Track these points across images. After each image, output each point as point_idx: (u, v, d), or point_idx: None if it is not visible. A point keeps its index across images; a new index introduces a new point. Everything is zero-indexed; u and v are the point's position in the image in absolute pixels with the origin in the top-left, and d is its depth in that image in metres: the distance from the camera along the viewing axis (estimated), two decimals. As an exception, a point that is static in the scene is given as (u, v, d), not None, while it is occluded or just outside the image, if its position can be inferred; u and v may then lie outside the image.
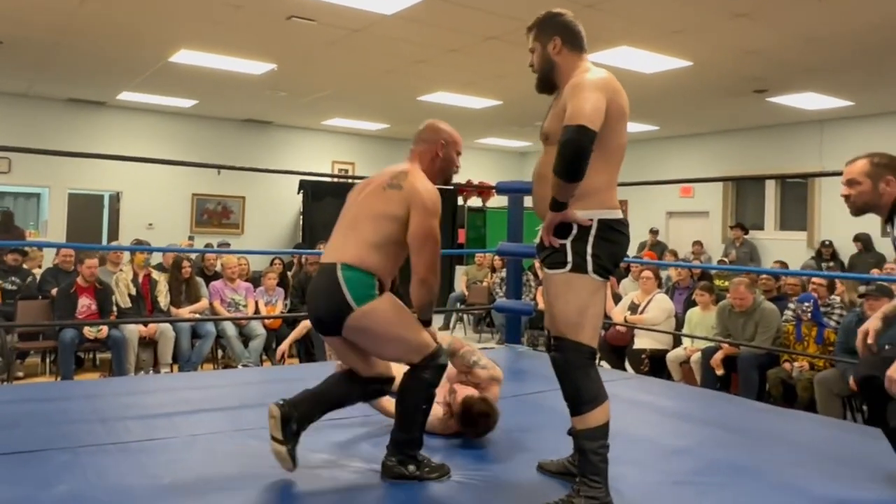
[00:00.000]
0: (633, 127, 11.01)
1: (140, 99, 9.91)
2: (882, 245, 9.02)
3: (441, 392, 2.83)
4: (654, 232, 11.13)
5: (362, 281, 2.32)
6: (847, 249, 9.01)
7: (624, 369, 5.67)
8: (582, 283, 2.14)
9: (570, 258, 2.15)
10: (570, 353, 2.15)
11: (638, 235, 11.46)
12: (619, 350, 5.77)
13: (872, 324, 2.44)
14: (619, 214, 2.22)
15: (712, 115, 9.72)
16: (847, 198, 2.46)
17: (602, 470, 2.13)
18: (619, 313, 5.84)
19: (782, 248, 9.85)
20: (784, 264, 8.24)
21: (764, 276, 5.82)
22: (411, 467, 2.39)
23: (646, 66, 7.04)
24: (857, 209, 2.47)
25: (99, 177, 10.24)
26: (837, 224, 9.12)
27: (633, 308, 5.95)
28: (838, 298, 5.30)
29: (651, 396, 3.81)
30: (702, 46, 6.32)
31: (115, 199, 11.06)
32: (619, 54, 6.64)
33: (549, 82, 2.32)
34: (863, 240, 8.93)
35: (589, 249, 2.14)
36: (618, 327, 5.52)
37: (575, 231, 2.15)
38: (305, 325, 6.11)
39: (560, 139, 2.05)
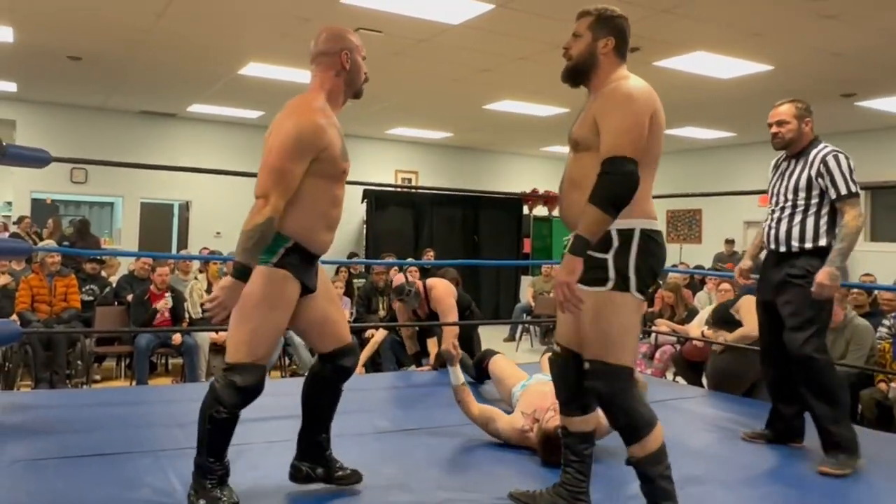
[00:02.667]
0: (708, 134, 10.81)
1: (209, 110, 10.32)
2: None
3: (538, 404, 2.87)
4: (730, 242, 10.88)
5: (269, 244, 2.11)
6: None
7: (701, 385, 5.56)
8: (625, 301, 2.05)
9: (611, 274, 2.05)
10: (614, 380, 2.06)
11: (713, 246, 11.22)
12: (695, 365, 5.65)
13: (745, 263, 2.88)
14: (658, 225, 2.16)
15: (793, 121, 9.46)
16: (775, 136, 3.02)
17: (672, 493, 2.07)
18: (696, 327, 5.71)
19: (874, 260, 9.46)
20: (874, 278, 7.92)
21: (855, 290, 5.61)
22: (201, 501, 2.16)
23: (723, 72, 6.92)
24: (784, 145, 3.04)
25: (169, 186, 10.71)
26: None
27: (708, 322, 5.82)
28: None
29: (715, 410, 3.76)
30: (784, 49, 6.18)
31: (185, 207, 11.53)
32: (696, 59, 6.56)
33: (580, 75, 2.23)
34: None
35: (632, 264, 2.05)
36: (695, 342, 5.43)
37: (617, 244, 2.05)
38: (376, 340, 6.21)
39: (606, 169, 1.97)
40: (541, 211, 12.43)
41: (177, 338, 5.86)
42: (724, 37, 5.98)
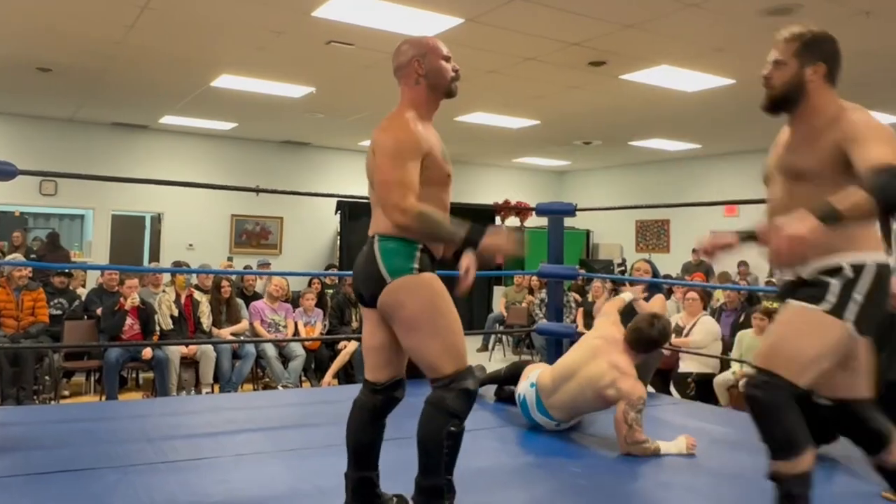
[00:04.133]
0: (674, 145, 10.97)
1: (181, 122, 10.23)
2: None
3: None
4: (696, 251, 11.02)
5: (398, 251, 2.10)
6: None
7: (669, 393, 5.62)
8: (836, 328, 1.88)
9: (832, 297, 1.88)
10: (775, 391, 1.88)
11: (681, 255, 11.37)
12: (664, 374, 5.72)
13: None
14: (891, 261, 1.97)
15: (756, 133, 9.62)
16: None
17: None
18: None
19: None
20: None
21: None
22: None
23: (687, 85, 7.04)
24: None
25: (141, 198, 10.56)
26: None
27: (678, 331, 5.90)
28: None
29: (697, 421, 3.78)
30: (744, 64, 6.30)
31: (157, 220, 11.39)
32: (661, 73, 6.67)
33: (785, 104, 2.10)
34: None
35: (857, 296, 1.88)
36: (662, 350, 5.49)
37: (850, 275, 1.89)
38: (347, 351, 6.20)
39: (884, 169, 1.76)
40: (513, 221, 12.60)
41: (147, 352, 5.77)
42: (688, 51, 6.09)
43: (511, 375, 3.85)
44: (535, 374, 3.44)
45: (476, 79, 7.27)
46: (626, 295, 3.99)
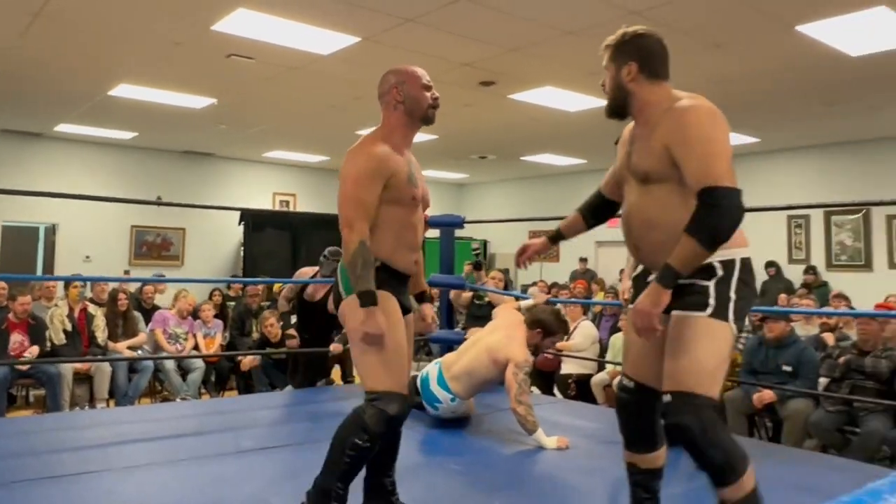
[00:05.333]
0: (562, 160, 11.41)
1: (78, 131, 9.75)
2: (789, 271, 9.56)
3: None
4: (583, 260, 11.47)
5: None
6: (760, 276, 9.51)
7: (552, 394, 5.84)
8: (722, 330, 1.84)
9: (712, 300, 1.85)
10: (706, 413, 1.79)
11: (570, 264, 11.80)
12: (547, 375, 5.95)
13: (625, 284, 2.45)
14: (750, 253, 1.96)
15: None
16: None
17: None
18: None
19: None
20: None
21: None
22: None
23: (569, 105, 7.36)
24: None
25: (34, 209, 9.96)
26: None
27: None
28: (747, 322, 5.61)
29: (574, 419, 3.99)
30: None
31: (52, 231, 10.76)
32: (545, 94, 6.95)
33: (619, 110, 2.07)
34: (775, 266, 9.46)
35: (733, 294, 1.86)
36: (546, 354, 5.70)
37: (721, 273, 1.87)
38: (248, 362, 6.09)
39: (710, 201, 1.77)
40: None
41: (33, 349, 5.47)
42: (567, 74, 6.38)
43: None
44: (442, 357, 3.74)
45: (374, 95, 7.28)
46: (525, 303, 4.19)
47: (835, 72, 6.09)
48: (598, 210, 2.37)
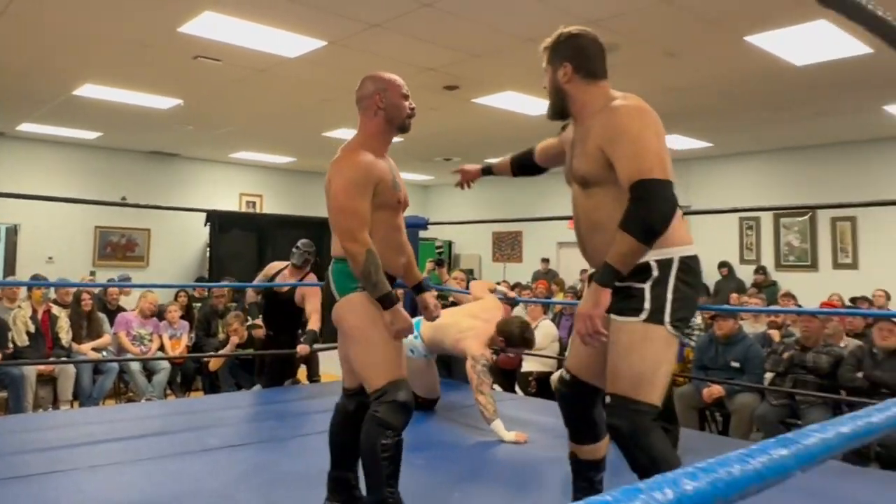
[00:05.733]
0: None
1: (41, 130, 9.55)
2: (741, 271, 9.83)
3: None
4: (545, 261, 11.62)
5: (346, 271, 2.19)
6: (713, 276, 9.75)
7: (514, 391, 5.94)
8: (658, 334, 1.82)
9: (647, 304, 1.82)
10: (638, 418, 1.80)
11: (533, 265, 11.95)
12: (508, 373, 6.03)
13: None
14: (695, 251, 1.92)
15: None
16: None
17: None
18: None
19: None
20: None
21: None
22: None
23: (530, 109, 7.47)
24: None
25: (-6, 209, 9.75)
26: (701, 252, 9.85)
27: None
28: (699, 320, 5.78)
29: (533, 415, 4.08)
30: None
31: (13, 231, 10.51)
32: (506, 98, 7.05)
33: (559, 110, 2.06)
34: (727, 266, 9.72)
35: (669, 295, 1.82)
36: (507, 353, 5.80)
37: (656, 273, 1.83)
38: (215, 363, 6.05)
39: (640, 194, 1.75)
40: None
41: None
42: (527, 80, 6.48)
43: None
44: None
45: (341, 97, 7.36)
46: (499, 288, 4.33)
47: (781, 80, 6.30)
48: (525, 167, 2.50)
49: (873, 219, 8.64)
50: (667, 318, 1.81)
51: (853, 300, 7.10)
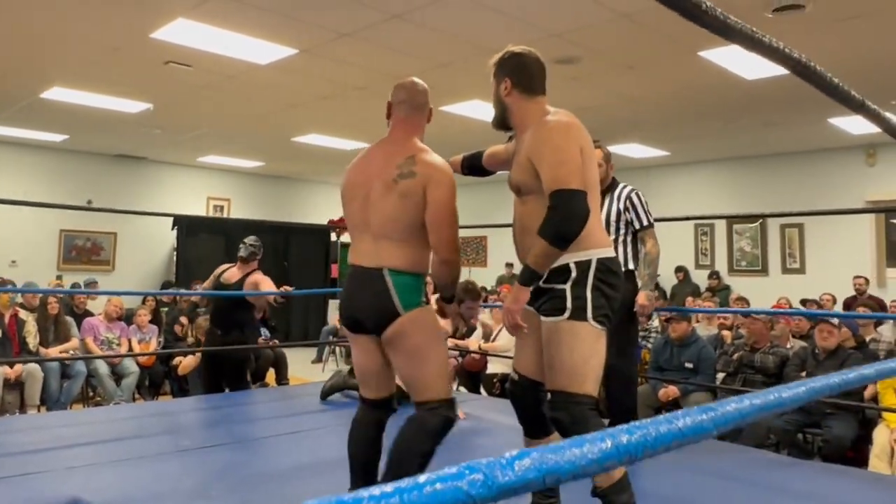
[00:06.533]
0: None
1: (6, 132, 9.36)
2: (696, 276, 10.12)
3: None
4: (509, 265, 11.77)
5: (411, 285, 2.14)
6: (670, 280, 10.02)
7: (479, 392, 6.04)
8: (583, 330, 1.95)
9: (569, 304, 1.96)
10: (575, 409, 1.94)
11: (497, 269, 12.09)
12: (474, 375, 6.13)
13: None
14: (613, 253, 2.06)
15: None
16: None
17: None
18: (473, 341, 6.22)
19: None
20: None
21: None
22: None
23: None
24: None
25: (-44, 212, 9.52)
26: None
27: (487, 336, 6.36)
28: (656, 323, 5.97)
29: (498, 415, 4.18)
30: (544, 104, 6.95)
31: (-26, 234, 10.27)
32: (472, 106, 7.18)
33: (501, 122, 2.18)
34: (683, 270, 9.99)
35: (589, 294, 1.96)
36: (472, 354, 5.90)
37: (574, 274, 1.97)
38: (186, 365, 6.01)
39: (554, 203, 1.89)
40: (348, 238, 12.57)
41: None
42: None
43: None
44: None
45: (311, 103, 7.40)
46: None
47: (732, 93, 6.55)
48: (474, 168, 2.56)
49: (820, 226, 8.99)
50: (589, 314, 1.95)
51: (803, 303, 7.38)
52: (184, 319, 6.82)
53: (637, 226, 3.25)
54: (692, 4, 0.81)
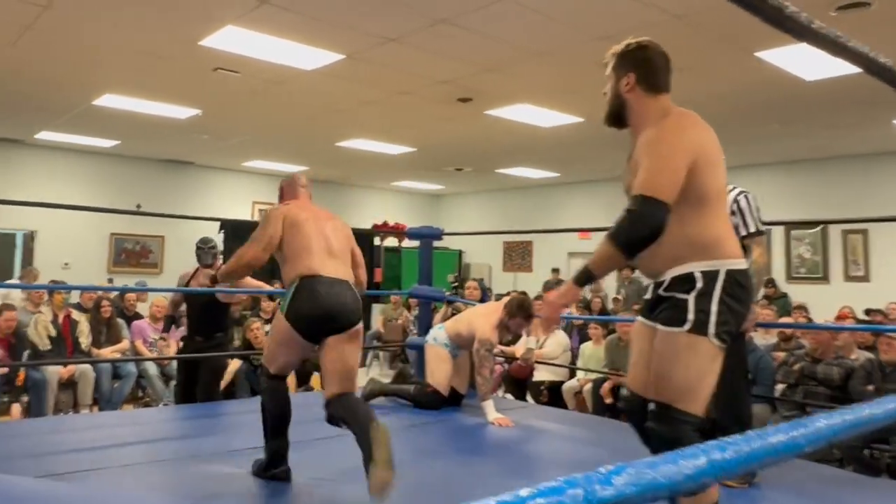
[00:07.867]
0: (536, 173, 11.64)
1: (59, 138, 9.74)
2: (753, 282, 9.85)
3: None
4: (555, 271, 11.69)
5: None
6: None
7: (525, 400, 6.01)
8: (701, 345, 1.80)
9: (690, 315, 1.81)
10: (679, 426, 1.81)
11: (543, 274, 12.02)
12: (520, 382, 6.11)
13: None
14: (745, 265, 1.90)
15: (606, 164, 10.44)
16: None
17: None
18: (520, 348, 6.20)
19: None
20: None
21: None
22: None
23: (543, 121, 7.59)
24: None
25: (11, 215, 9.91)
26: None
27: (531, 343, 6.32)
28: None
29: (547, 423, 4.15)
30: (589, 105, 6.89)
31: (30, 238, 10.70)
32: (520, 110, 7.16)
33: (617, 118, 2.06)
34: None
35: (714, 308, 1.80)
36: (519, 361, 5.88)
37: (700, 284, 1.82)
38: (231, 369, 6.13)
39: (632, 206, 1.80)
40: (391, 242, 12.81)
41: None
42: (540, 92, 6.60)
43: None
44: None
45: (356, 108, 7.50)
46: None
47: (791, 94, 6.39)
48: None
49: (885, 232, 8.69)
50: (711, 329, 1.80)
51: (868, 312, 7.13)
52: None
53: (743, 232, 2.86)
54: (771, 7, 0.79)
